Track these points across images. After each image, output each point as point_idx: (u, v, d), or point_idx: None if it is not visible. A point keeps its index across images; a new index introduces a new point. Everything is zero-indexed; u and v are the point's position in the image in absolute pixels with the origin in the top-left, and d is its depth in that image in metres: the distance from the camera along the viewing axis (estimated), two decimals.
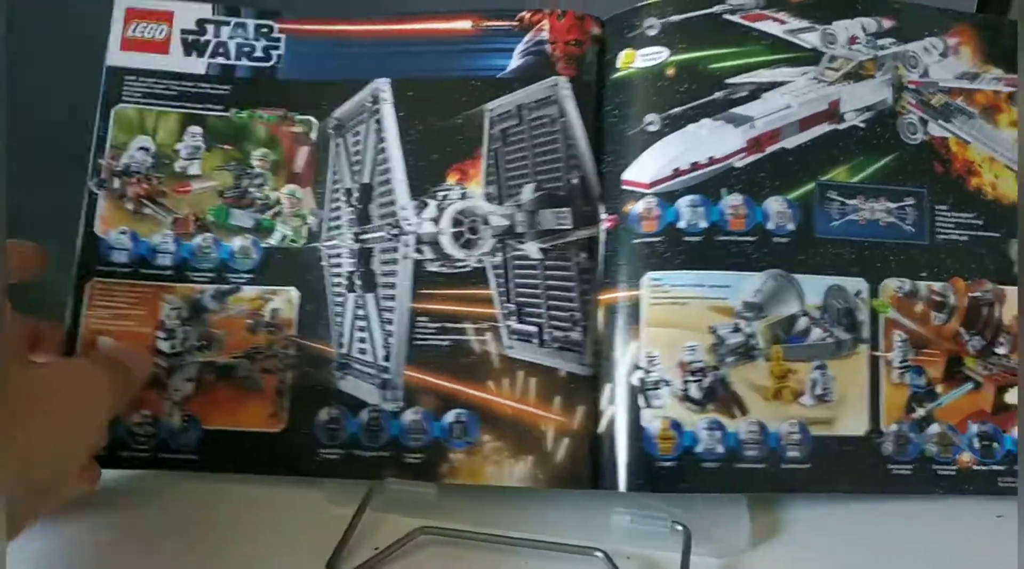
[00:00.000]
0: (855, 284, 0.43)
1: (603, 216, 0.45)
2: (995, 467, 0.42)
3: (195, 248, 0.46)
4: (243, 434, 0.43)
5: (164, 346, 0.45)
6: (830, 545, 0.40)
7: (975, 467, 0.42)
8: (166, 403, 0.44)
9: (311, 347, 0.45)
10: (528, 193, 0.45)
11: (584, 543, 0.38)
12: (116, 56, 0.49)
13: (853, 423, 0.42)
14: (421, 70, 0.48)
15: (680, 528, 0.39)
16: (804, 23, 0.46)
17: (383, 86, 0.48)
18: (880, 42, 0.46)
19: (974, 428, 0.43)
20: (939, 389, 0.43)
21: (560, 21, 0.47)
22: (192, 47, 0.49)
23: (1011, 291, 0.44)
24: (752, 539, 0.40)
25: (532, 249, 0.45)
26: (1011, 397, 0.43)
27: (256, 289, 0.46)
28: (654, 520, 0.39)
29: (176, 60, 0.49)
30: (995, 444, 0.43)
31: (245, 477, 0.43)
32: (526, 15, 0.48)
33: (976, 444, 0.43)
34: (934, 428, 0.42)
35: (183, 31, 0.49)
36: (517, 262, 0.45)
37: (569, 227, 0.45)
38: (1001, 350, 0.44)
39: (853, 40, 0.46)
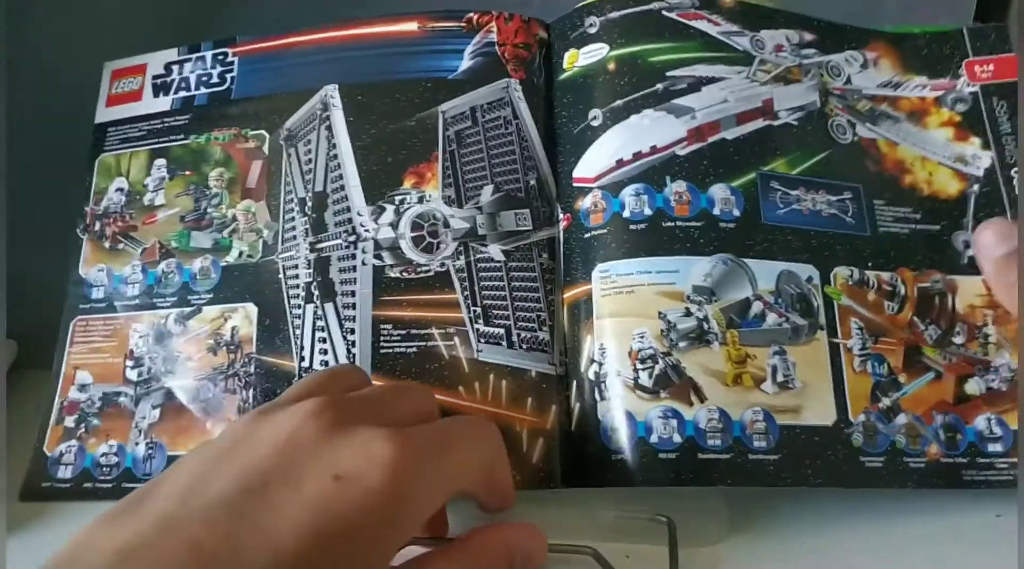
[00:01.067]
0: (805, 270, 0.43)
1: (560, 216, 0.45)
2: (959, 460, 0.41)
3: (159, 274, 0.47)
4: None
5: (132, 375, 0.45)
6: (825, 542, 0.40)
7: (942, 460, 0.41)
8: (132, 431, 0.43)
9: (270, 362, 0.44)
10: (487, 195, 0.46)
11: (570, 542, 0.37)
12: (102, 113, 0.53)
13: (820, 412, 0.41)
14: (370, 74, 0.49)
15: (664, 520, 0.38)
16: (735, 27, 0.48)
17: (332, 92, 0.48)
18: (804, 51, 0.48)
19: (939, 419, 0.42)
20: (902, 378, 0.42)
21: (508, 24, 0.49)
22: (160, 89, 0.52)
23: (963, 280, 0.44)
24: (731, 527, 0.39)
25: (495, 251, 0.45)
26: (972, 387, 0.43)
27: (216, 308, 0.45)
28: (638, 514, 0.39)
29: (147, 103, 0.52)
30: (959, 436, 0.42)
31: None
32: (474, 16, 0.49)
33: (942, 436, 0.42)
34: (901, 419, 0.42)
35: (153, 77, 0.52)
36: (481, 264, 0.44)
37: (529, 228, 0.45)
38: (958, 339, 0.44)
39: (779, 48, 0.48)
